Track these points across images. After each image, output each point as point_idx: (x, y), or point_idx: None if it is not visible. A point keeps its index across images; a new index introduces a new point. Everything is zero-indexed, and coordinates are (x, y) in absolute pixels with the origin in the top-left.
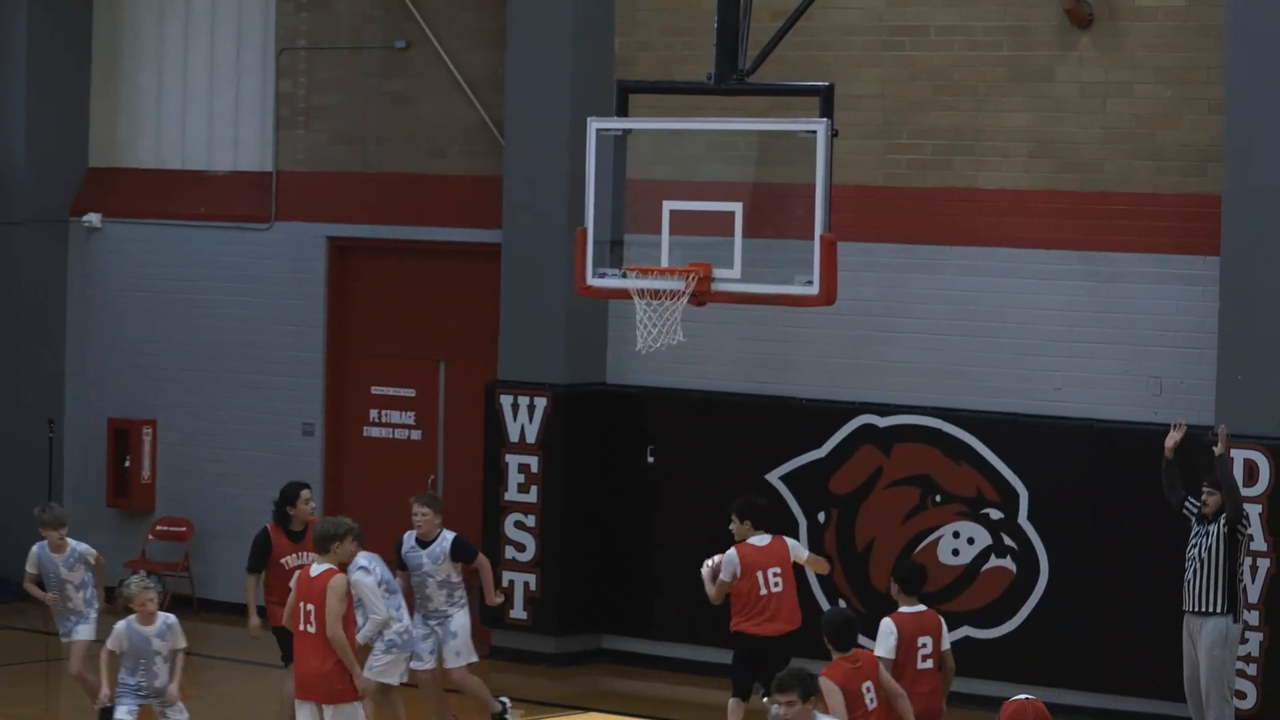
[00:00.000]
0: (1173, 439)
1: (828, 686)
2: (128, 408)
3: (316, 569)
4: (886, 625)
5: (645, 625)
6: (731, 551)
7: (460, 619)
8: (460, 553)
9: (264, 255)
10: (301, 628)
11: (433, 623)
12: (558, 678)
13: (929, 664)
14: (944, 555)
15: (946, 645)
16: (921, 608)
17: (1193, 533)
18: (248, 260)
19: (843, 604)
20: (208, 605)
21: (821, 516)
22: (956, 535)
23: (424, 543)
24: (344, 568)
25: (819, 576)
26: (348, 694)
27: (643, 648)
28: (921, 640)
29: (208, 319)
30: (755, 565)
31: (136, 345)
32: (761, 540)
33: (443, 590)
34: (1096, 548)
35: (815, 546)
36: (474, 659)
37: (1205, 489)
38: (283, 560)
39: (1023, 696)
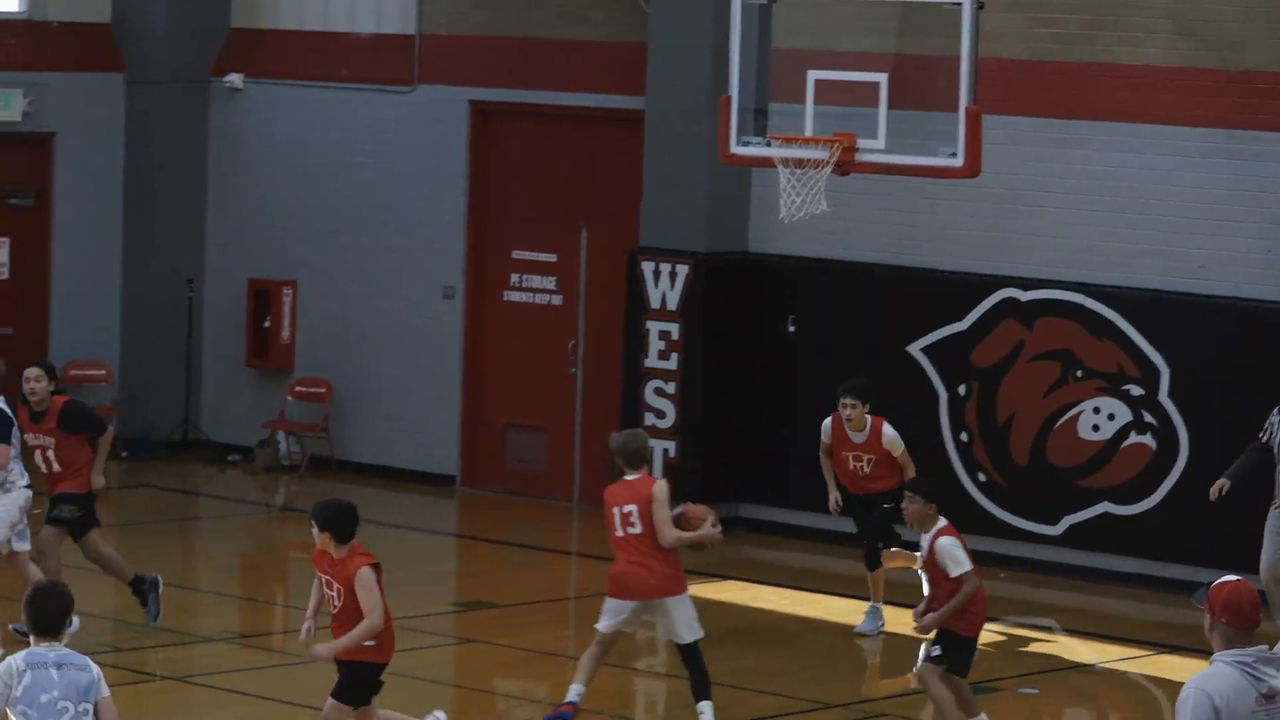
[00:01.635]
0: None
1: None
2: (268, 268)
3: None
4: None
5: (783, 495)
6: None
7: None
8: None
9: (405, 118)
10: (621, 532)
11: None
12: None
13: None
14: (1084, 431)
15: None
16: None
17: None
18: (389, 123)
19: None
20: (346, 466)
21: (962, 389)
22: (1097, 411)
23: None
24: None
25: (960, 447)
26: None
27: (780, 517)
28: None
29: (349, 181)
30: None
31: (276, 207)
32: None
33: None
34: (1236, 426)
35: (956, 420)
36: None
37: None
38: (25, 438)
39: (1232, 578)
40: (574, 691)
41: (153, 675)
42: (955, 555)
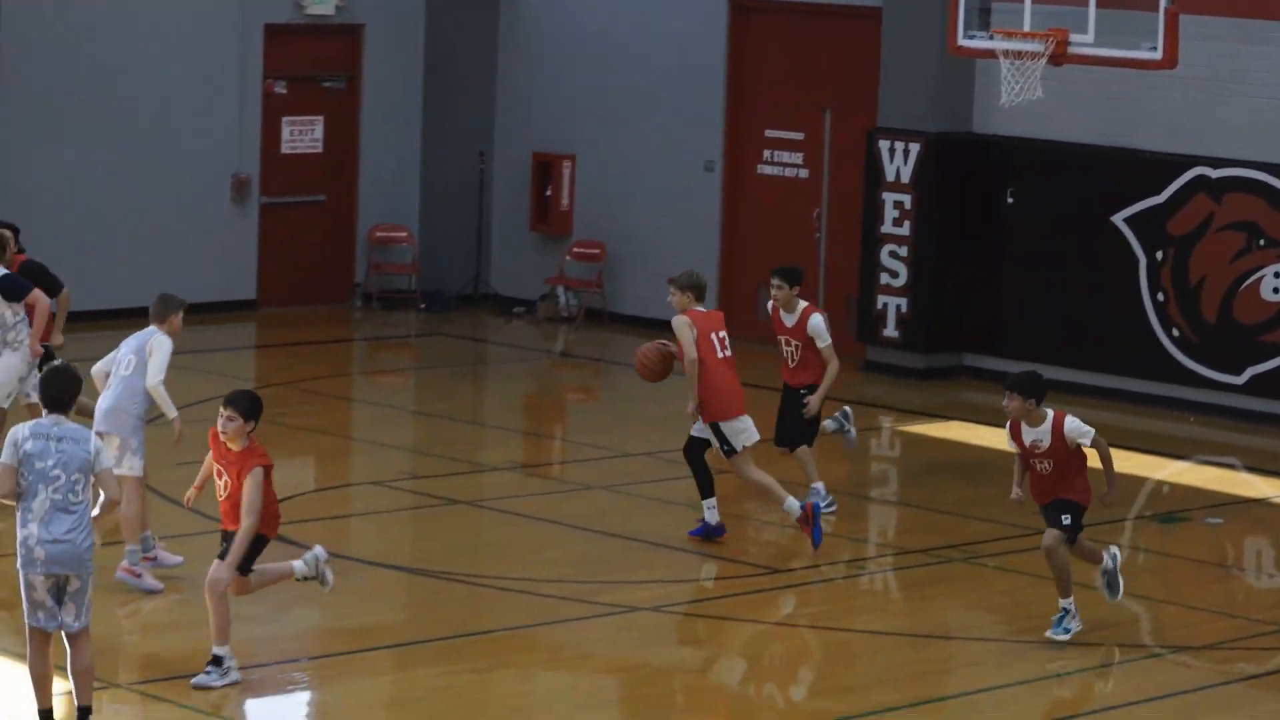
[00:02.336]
0: None
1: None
2: (550, 143)
3: None
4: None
5: (1000, 344)
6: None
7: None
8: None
9: (673, 12)
10: (722, 354)
11: None
12: (924, 390)
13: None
14: (1265, 293)
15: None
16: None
17: None
18: (659, 15)
19: None
20: (616, 318)
21: (1159, 255)
22: (1277, 275)
23: None
24: None
25: (1156, 305)
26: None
27: (1000, 365)
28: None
29: (623, 65)
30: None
31: (558, 89)
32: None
33: None
34: None
35: (1153, 282)
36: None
37: None
38: None
39: None
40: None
41: (447, 500)
42: (1082, 428)
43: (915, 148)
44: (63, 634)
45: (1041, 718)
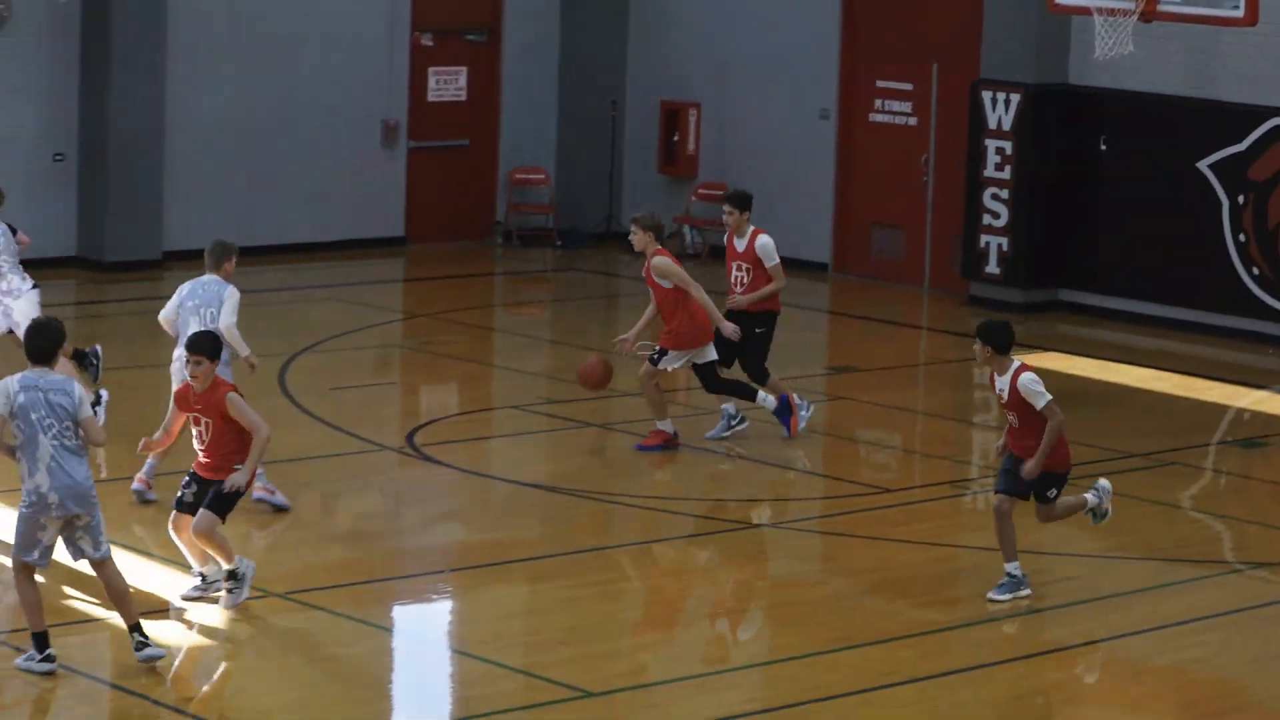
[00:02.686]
0: None
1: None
2: (677, 92)
3: None
4: None
5: (1095, 281)
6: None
7: None
8: None
9: None
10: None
11: None
12: (1022, 323)
13: None
14: None
15: None
16: None
17: None
18: None
19: None
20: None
21: (1240, 199)
22: None
23: None
24: None
25: (1238, 246)
26: None
27: (1093, 300)
28: None
29: (745, 20)
30: None
31: (685, 40)
32: None
33: None
34: None
35: (1235, 224)
36: None
37: None
38: None
39: None
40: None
41: (580, 423)
42: (1035, 389)
43: (1015, 98)
44: (90, 566)
45: (1131, 626)
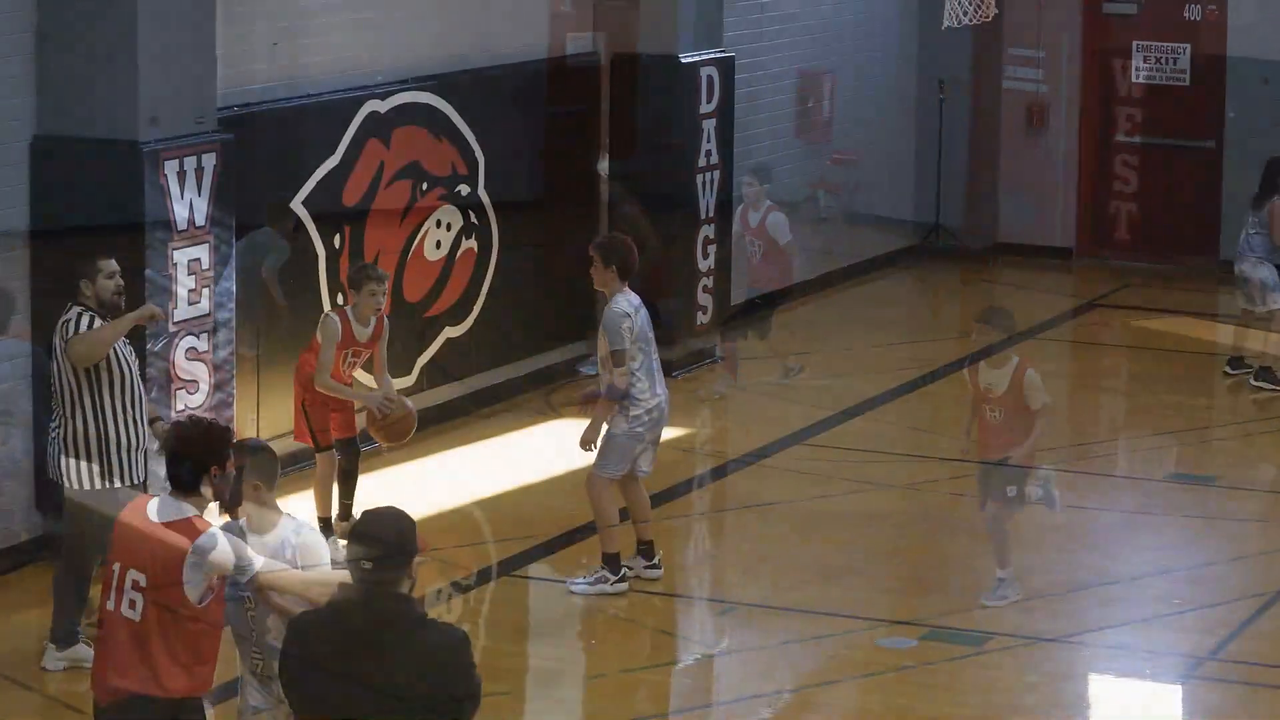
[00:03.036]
0: None
1: None
2: (813, 59)
3: None
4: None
5: (1218, 247)
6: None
7: None
8: None
9: None
10: None
11: None
12: (1147, 289)
13: None
14: None
15: None
16: None
17: None
18: None
19: None
20: (866, 219)
21: None
22: None
23: None
24: None
25: None
26: None
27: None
28: None
29: None
30: None
31: (821, 10)
32: None
33: None
34: None
35: None
36: None
37: None
38: None
39: None
40: None
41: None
42: (1039, 386)
43: (1144, 67)
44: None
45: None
